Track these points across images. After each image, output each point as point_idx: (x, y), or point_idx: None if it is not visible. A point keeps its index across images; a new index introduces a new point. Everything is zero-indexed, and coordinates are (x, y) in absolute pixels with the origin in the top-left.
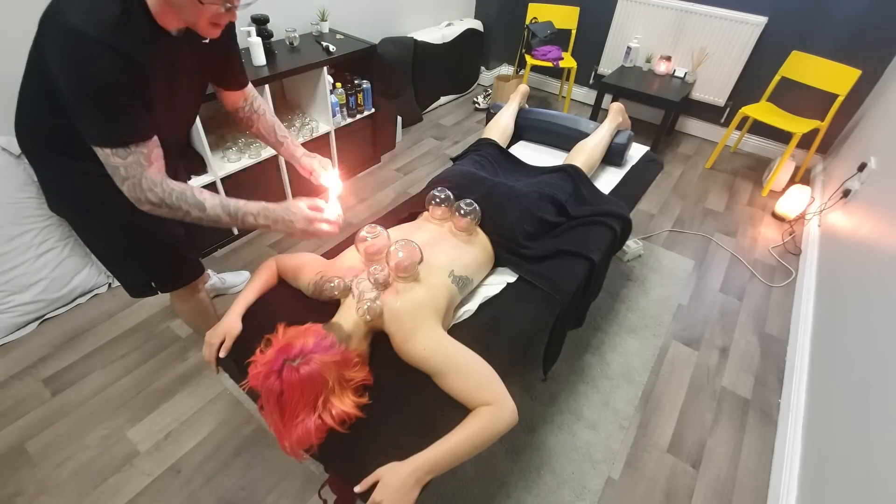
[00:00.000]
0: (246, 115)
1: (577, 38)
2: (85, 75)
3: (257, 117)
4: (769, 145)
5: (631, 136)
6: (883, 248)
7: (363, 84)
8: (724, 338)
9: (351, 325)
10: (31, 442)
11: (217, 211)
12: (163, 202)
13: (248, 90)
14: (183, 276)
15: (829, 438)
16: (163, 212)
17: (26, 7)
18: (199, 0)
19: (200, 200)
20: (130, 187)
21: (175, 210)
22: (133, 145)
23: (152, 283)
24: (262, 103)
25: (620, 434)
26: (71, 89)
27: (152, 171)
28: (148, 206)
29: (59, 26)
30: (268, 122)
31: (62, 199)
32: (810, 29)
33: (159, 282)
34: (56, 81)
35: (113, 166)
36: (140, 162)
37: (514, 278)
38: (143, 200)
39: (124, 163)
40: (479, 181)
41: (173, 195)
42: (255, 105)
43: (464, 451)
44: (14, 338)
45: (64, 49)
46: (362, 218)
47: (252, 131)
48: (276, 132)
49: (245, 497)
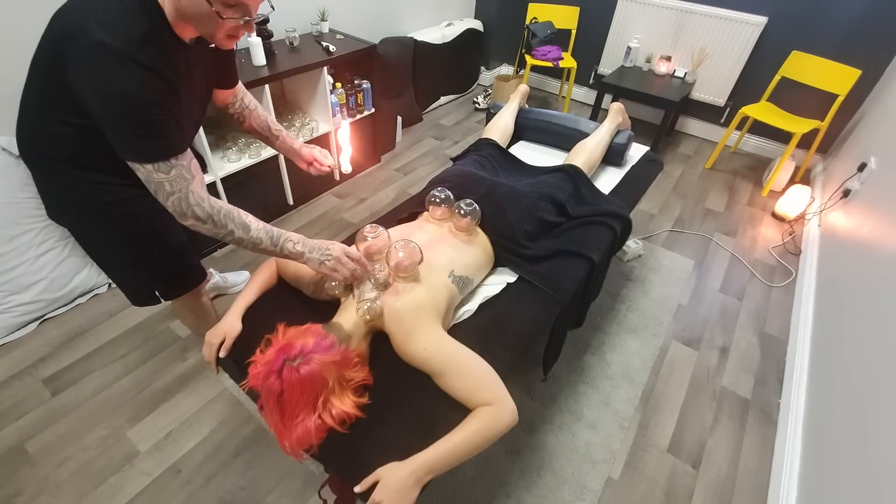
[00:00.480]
0: (237, 111)
1: (577, 38)
2: (120, 93)
3: (249, 112)
4: (769, 145)
5: (631, 136)
6: (883, 248)
7: (363, 84)
8: (724, 338)
9: (351, 325)
10: (31, 442)
11: (261, 235)
12: (210, 218)
13: (238, 87)
14: (187, 282)
15: (829, 438)
16: (206, 228)
17: (27, 8)
18: (218, 15)
19: (246, 222)
20: (176, 202)
21: (219, 228)
22: (174, 159)
23: (156, 292)
24: (251, 99)
25: (620, 434)
26: (105, 107)
27: (196, 185)
28: (192, 220)
29: (88, 44)
30: (260, 116)
31: (66, 208)
32: (810, 29)
33: (164, 290)
34: (83, 98)
35: (157, 182)
36: (183, 175)
37: (514, 278)
38: (189, 215)
39: (168, 178)
40: (479, 181)
41: (221, 213)
42: (245, 101)
43: (464, 451)
44: (14, 338)
45: (95, 67)
46: (362, 218)
47: (245, 127)
48: (269, 126)
49: (245, 497)
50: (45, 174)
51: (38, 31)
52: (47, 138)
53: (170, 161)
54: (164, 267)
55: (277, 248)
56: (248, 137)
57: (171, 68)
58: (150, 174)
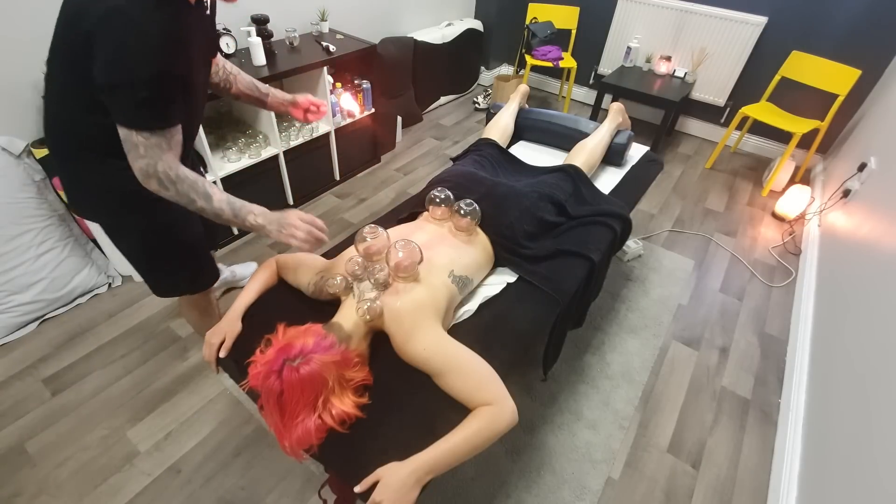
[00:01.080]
0: (222, 78)
1: (577, 38)
2: (130, 57)
3: (234, 77)
4: (769, 145)
5: (631, 136)
6: (883, 248)
7: (363, 84)
8: (724, 338)
9: (351, 325)
10: (31, 442)
11: (222, 205)
12: (173, 184)
13: (217, 58)
14: (207, 276)
15: (829, 438)
16: (168, 194)
17: (27, 11)
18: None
19: (209, 192)
20: (144, 165)
21: (181, 196)
22: (159, 130)
23: (177, 285)
24: (232, 65)
25: (620, 434)
26: (110, 69)
27: (169, 156)
28: (156, 184)
29: (104, 10)
30: (245, 79)
31: (95, 199)
32: (810, 29)
33: (186, 282)
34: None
35: (132, 143)
36: (161, 145)
37: (514, 278)
38: (153, 179)
39: (146, 143)
40: (479, 181)
41: (186, 182)
42: (227, 67)
43: (464, 451)
44: (14, 338)
45: (110, 30)
46: (362, 218)
47: (233, 92)
48: (257, 87)
49: (245, 497)
50: (75, 166)
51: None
52: (75, 128)
53: (154, 131)
54: (187, 258)
55: (239, 219)
56: (247, 137)
57: (183, 31)
58: (130, 135)
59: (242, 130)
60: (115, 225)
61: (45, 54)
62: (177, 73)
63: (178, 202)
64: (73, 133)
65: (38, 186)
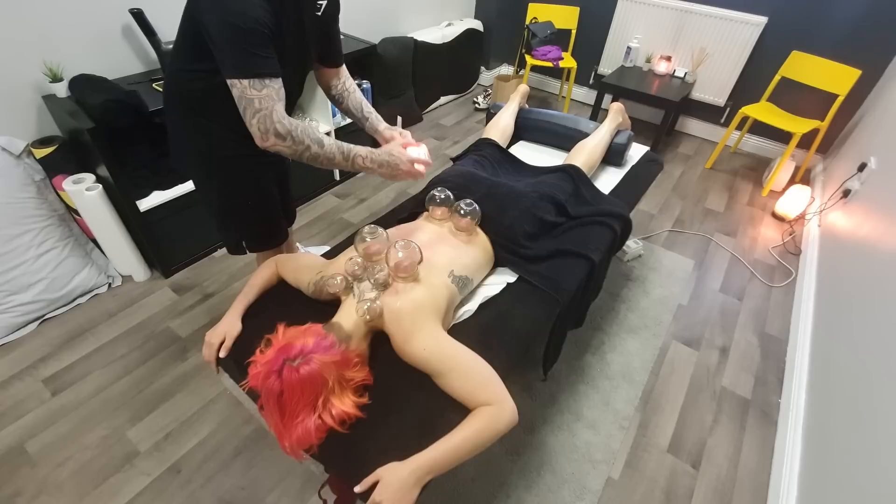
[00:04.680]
0: (339, 92)
1: (577, 38)
2: (236, 12)
3: (348, 94)
4: (769, 145)
5: (631, 136)
6: (883, 248)
7: (363, 84)
8: (724, 338)
9: (351, 325)
10: (31, 442)
11: (333, 149)
12: (289, 134)
13: (342, 69)
14: (272, 239)
15: (829, 438)
16: (286, 145)
17: (27, 11)
18: None
19: (320, 137)
20: (262, 119)
21: (297, 144)
22: (268, 79)
23: (243, 243)
24: (353, 83)
25: (620, 434)
26: (218, 26)
27: (280, 107)
28: (273, 138)
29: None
30: (356, 99)
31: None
32: (810, 29)
33: (252, 242)
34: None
35: (248, 98)
36: (272, 96)
37: (514, 278)
38: (272, 132)
39: (259, 95)
40: (479, 181)
41: (299, 129)
42: (346, 84)
43: (464, 451)
44: (14, 338)
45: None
46: (362, 218)
47: (342, 107)
48: (362, 108)
49: (245, 497)
50: (182, 125)
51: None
52: (182, 89)
53: (264, 80)
54: (257, 221)
55: (349, 162)
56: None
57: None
58: (245, 90)
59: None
60: (199, 182)
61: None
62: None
63: (293, 153)
64: (180, 94)
65: (38, 186)
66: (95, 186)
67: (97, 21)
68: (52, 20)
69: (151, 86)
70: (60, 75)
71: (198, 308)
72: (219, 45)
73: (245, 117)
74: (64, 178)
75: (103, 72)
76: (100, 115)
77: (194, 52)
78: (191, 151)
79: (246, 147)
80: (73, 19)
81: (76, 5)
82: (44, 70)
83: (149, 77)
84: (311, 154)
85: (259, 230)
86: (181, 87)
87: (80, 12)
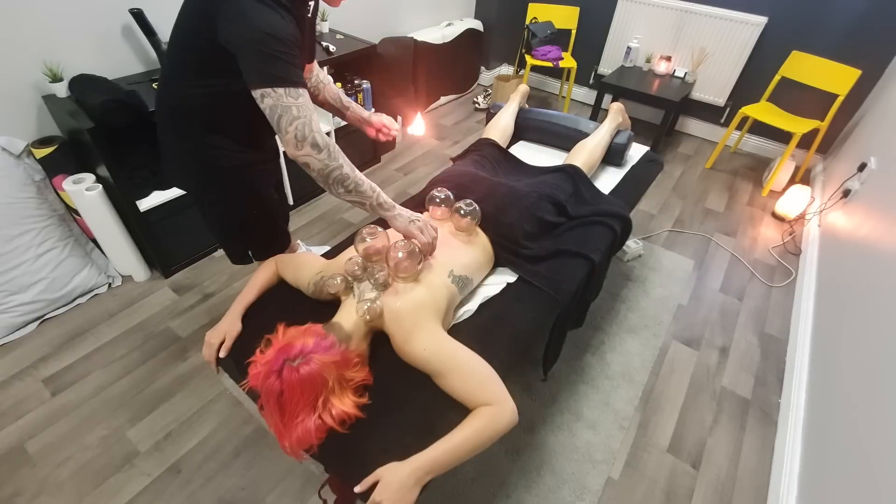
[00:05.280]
0: (313, 85)
1: (577, 38)
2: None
3: (323, 87)
4: (769, 145)
5: (631, 136)
6: (883, 248)
7: (363, 84)
8: (724, 338)
9: (351, 325)
10: (31, 442)
11: (363, 178)
12: (326, 147)
13: (314, 64)
14: (279, 243)
15: (829, 438)
16: (320, 157)
17: (27, 12)
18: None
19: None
20: (300, 126)
21: (332, 160)
22: (301, 88)
23: (250, 252)
24: (326, 75)
25: (620, 434)
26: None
27: (316, 117)
28: (308, 148)
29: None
30: (332, 90)
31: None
32: (810, 29)
33: (257, 251)
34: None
35: (285, 106)
36: (308, 105)
37: (514, 278)
38: (308, 142)
39: (297, 103)
40: (479, 181)
41: (333, 147)
42: (320, 76)
43: (464, 451)
44: (14, 338)
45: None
46: (362, 218)
47: (319, 100)
48: (341, 99)
49: (245, 497)
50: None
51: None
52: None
53: (298, 89)
54: (264, 229)
55: (375, 195)
56: None
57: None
58: (281, 98)
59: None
60: (199, 195)
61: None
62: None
63: (323, 168)
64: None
65: (38, 186)
66: (95, 186)
67: (97, 21)
68: (52, 20)
69: (151, 86)
70: (60, 75)
71: (198, 308)
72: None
73: (280, 125)
74: (64, 178)
75: (103, 72)
76: (100, 115)
77: (201, 69)
78: (195, 166)
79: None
80: (73, 19)
81: (76, 5)
82: (44, 70)
83: (149, 77)
84: (342, 174)
85: (266, 238)
86: (186, 103)
87: (80, 12)
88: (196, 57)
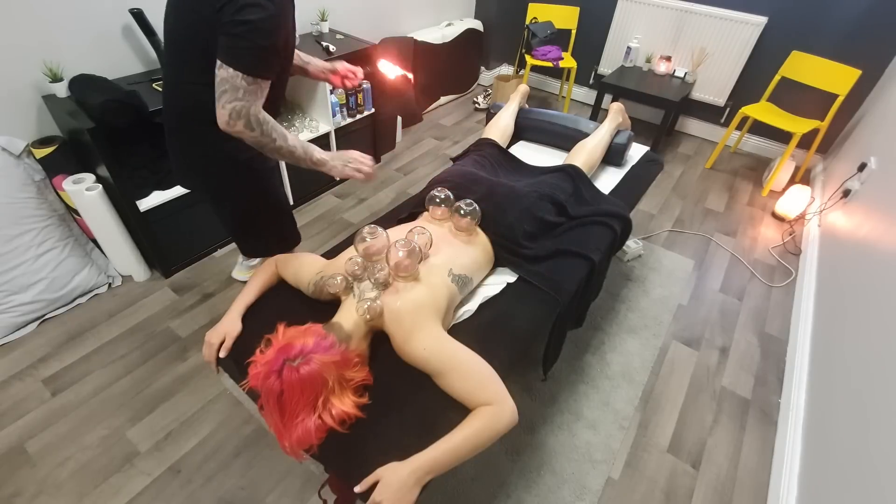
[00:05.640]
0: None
1: (577, 38)
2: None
3: None
4: (769, 145)
5: (631, 136)
6: (883, 248)
7: (363, 84)
8: (724, 338)
9: (351, 325)
10: (31, 442)
11: (296, 143)
12: (259, 125)
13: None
14: (290, 240)
15: (829, 438)
16: (253, 134)
17: (27, 12)
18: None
19: (285, 133)
20: (235, 107)
21: (265, 135)
22: (262, 79)
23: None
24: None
25: (620, 434)
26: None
27: (260, 103)
28: (242, 125)
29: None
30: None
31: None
32: (810, 29)
33: (273, 244)
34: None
35: (234, 85)
36: (257, 93)
37: (514, 278)
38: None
39: (247, 87)
40: (479, 181)
41: (269, 123)
42: None
43: (464, 451)
44: (14, 338)
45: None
46: (362, 218)
47: None
48: (300, 56)
49: (245, 497)
50: (190, 140)
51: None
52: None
53: (257, 79)
54: (276, 222)
55: (307, 155)
56: None
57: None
58: (235, 78)
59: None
60: (216, 192)
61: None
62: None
63: (257, 142)
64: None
65: (38, 186)
66: (95, 186)
67: (97, 21)
68: (52, 20)
69: (151, 86)
70: (60, 75)
71: (198, 308)
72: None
73: (219, 99)
74: (64, 178)
75: (103, 72)
76: (100, 115)
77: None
78: (208, 164)
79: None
80: (73, 19)
81: (76, 5)
82: (44, 70)
83: (149, 77)
84: (276, 146)
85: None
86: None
87: (80, 12)
88: (198, 55)
